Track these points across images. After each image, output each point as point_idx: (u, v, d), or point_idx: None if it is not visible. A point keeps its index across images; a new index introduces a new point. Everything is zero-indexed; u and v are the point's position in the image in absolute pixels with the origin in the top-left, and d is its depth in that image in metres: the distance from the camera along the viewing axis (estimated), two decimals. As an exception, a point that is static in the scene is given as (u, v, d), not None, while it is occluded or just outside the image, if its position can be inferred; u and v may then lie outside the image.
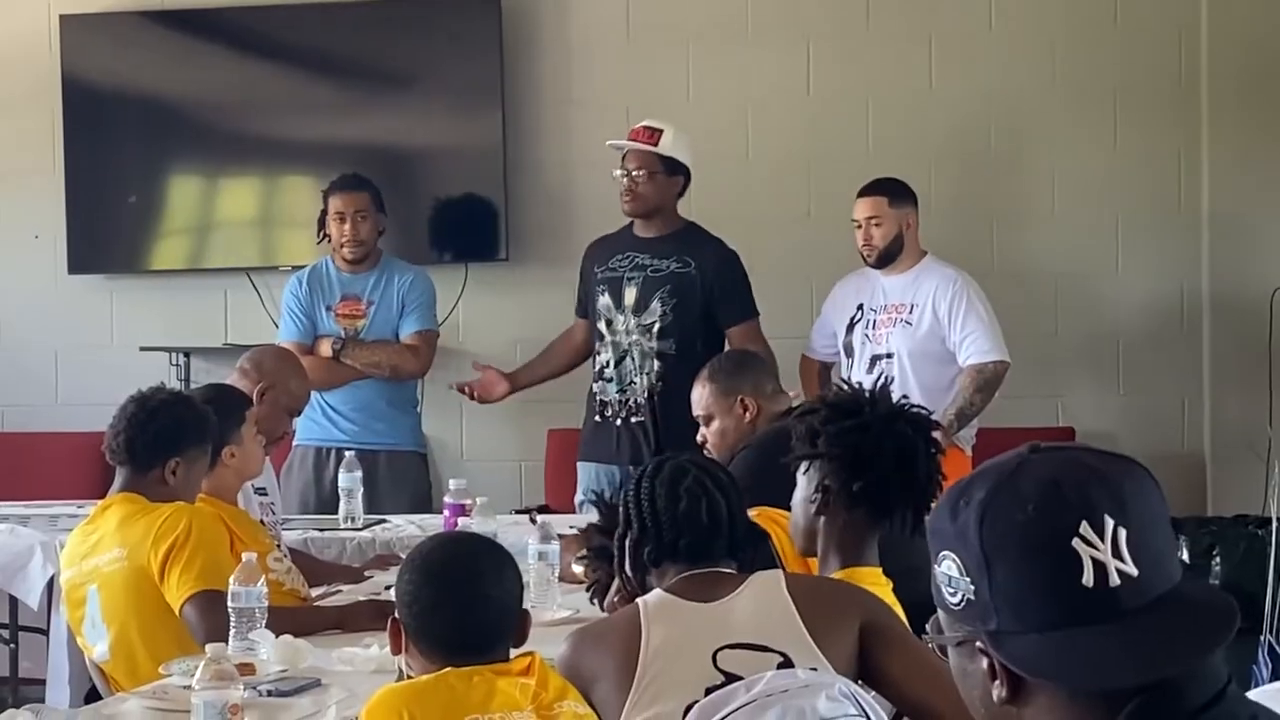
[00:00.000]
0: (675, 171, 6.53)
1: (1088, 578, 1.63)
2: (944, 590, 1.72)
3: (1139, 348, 7.50)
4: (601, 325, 6.55)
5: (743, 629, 3.11)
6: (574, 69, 7.71)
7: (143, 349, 7.69)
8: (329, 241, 6.81)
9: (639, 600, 3.23)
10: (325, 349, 6.65)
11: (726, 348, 6.41)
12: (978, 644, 1.69)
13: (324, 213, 6.82)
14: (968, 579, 1.68)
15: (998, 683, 1.68)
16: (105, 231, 7.90)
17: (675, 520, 3.25)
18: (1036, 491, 1.66)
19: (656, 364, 6.45)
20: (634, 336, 6.49)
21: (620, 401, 6.50)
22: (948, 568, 1.71)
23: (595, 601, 3.89)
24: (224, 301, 7.86)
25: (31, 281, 7.93)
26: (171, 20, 7.84)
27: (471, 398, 6.88)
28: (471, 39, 7.64)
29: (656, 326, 6.46)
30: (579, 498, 6.58)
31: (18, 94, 7.88)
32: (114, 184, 7.85)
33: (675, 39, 7.63)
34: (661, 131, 6.51)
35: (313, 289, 6.74)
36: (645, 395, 6.45)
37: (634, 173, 6.48)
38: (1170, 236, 7.48)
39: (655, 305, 6.46)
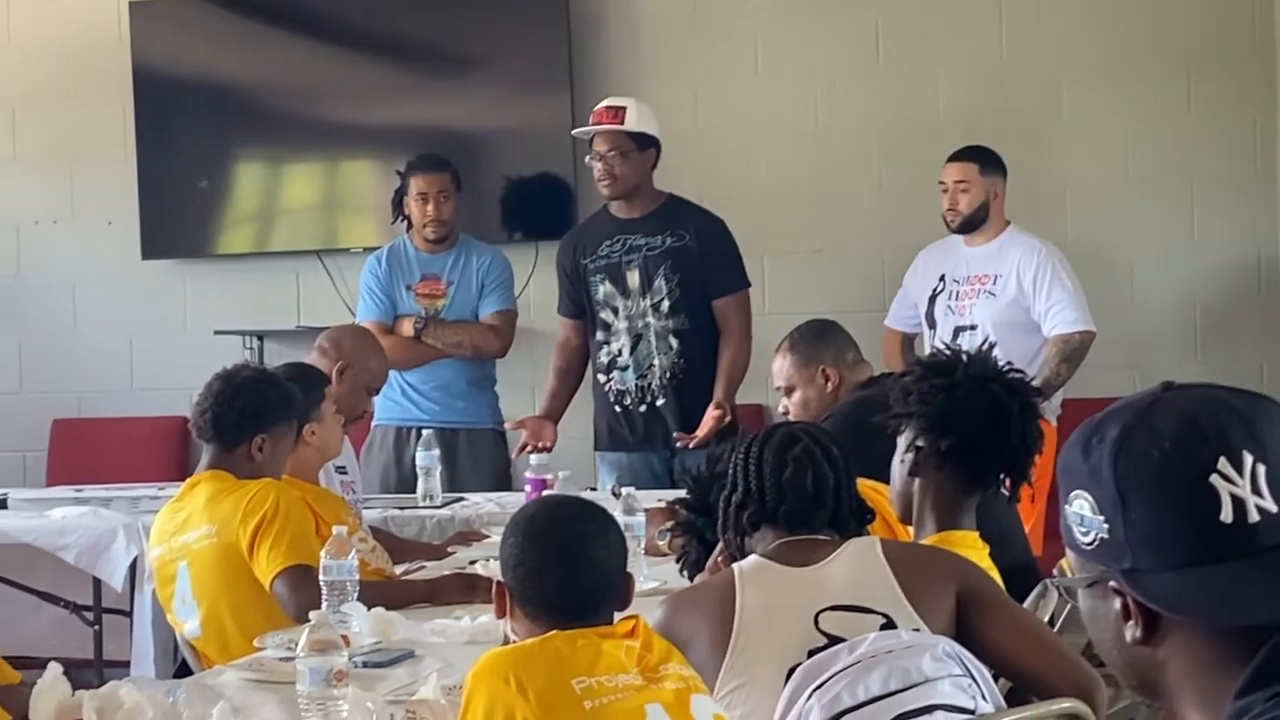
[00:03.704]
0: (646, 146, 6.45)
1: (1226, 514, 1.60)
2: (1075, 530, 1.69)
3: (1216, 314, 7.45)
4: (606, 315, 6.48)
5: (839, 593, 3.09)
6: (641, 45, 7.70)
7: (217, 333, 7.73)
8: (404, 222, 6.80)
9: (734, 565, 3.21)
10: (407, 328, 6.64)
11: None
12: (1111, 584, 1.67)
13: (398, 193, 6.80)
14: (1101, 518, 1.65)
15: (1131, 623, 1.66)
16: (177, 217, 7.95)
17: (779, 486, 3.23)
18: (1173, 428, 1.64)
19: (674, 342, 6.41)
20: (647, 319, 6.43)
21: (640, 387, 6.44)
22: (1079, 507, 1.68)
23: (685, 574, 3.88)
24: (296, 284, 7.89)
25: (106, 268, 7.99)
26: (238, 6, 7.89)
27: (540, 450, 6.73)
28: (538, 19, 7.64)
29: (665, 304, 6.40)
30: (606, 486, 6.51)
31: (90, 83, 7.95)
32: (185, 169, 7.89)
33: (742, 12, 7.62)
34: (624, 109, 6.44)
35: (392, 268, 6.73)
36: (667, 376, 6.40)
37: (607, 154, 6.41)
38: (1246, 201, 7.42)
39: (660, 283, 6.40)
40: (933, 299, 6.51)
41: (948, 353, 3.78)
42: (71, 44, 7.94)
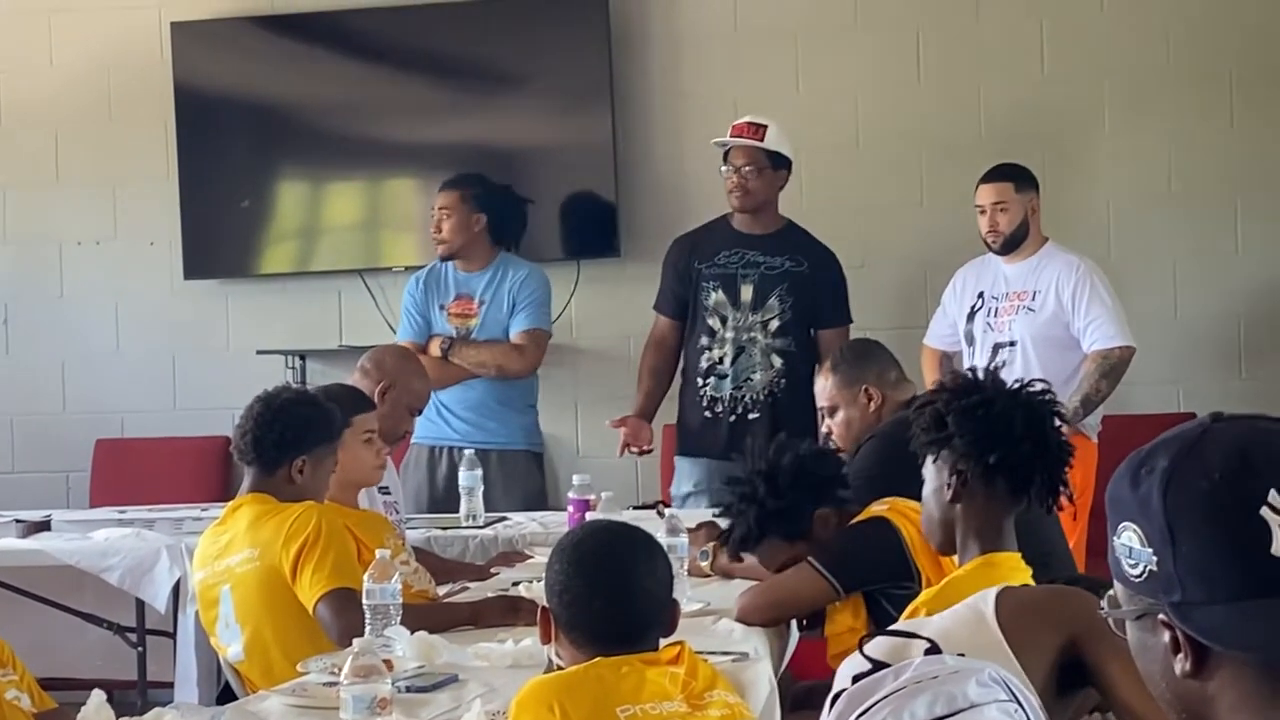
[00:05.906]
0: (780, 166, 6.61)
1: (1277, 547, 1.58)
2: (1124, 562, 1.68)
3: (1260, 330, 7.40)
4: (714, 321, 6.57)
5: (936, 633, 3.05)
6: (683, 63, 7.69)
7: (259, 353, 7.73)
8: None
9: None
10: (434, 348, 6.67)
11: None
12: (1160, 617, 1.65)
13: (438, 212, 6.85)
14: (1149, 550, 1.64)
15: (1180, 655, 1.64)
16: (219, 236, 7.95)
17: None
18: (1222, 459, 1.62)
19: (777, 361, 6.49)
20: (753, 333, 6.51)
21: (735, 398, 6.52)
22: (1128, 539, 1.66)
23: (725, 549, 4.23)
24: (338, 303, 7.89)
25: (148, 288, 7.99)
26: (279, 25, 7.88)
27: (638, 453, 6.82)
28: (579, 36, 7.63)
29: (775, 324, 6.51)
30: (685, 490, 6.58)
31: (132, 103, 7.95)
32: (226, 189, 7.89)
33: (783, 30, 7.60)
34: (766, 127, 6.58)
35: (428, 289, 6.78)
36: (765, 392, 6.48)
37: (744, 169, 6.53)
38: (1291, 216, 7.38)
39: (774, 303, 6.52)
40: (971, 316, 6.50)
41: (965, 375, 3.76)
42: (113, 65, 7.95)
